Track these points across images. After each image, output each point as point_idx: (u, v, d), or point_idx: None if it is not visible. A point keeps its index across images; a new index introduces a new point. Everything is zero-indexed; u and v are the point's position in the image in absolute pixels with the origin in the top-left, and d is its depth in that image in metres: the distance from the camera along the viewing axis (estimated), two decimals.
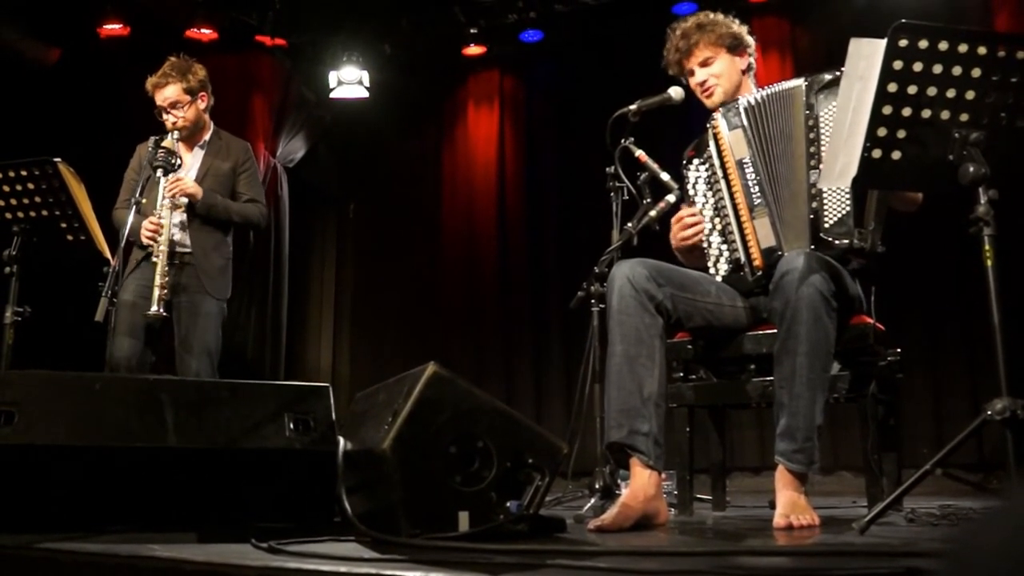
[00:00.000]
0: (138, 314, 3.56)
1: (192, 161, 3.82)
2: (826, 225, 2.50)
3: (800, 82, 2.64)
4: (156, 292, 3.46)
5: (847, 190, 2.47)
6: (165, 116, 3.73)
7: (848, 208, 2.48)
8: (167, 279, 3.51)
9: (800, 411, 2.26)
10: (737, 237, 2.63)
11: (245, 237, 3.94)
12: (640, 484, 2.34)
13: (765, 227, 2.59)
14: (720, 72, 2.80)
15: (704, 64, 2.82)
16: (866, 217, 2.47)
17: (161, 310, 3.46)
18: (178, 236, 3.68)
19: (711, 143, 2.71)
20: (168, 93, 3.71)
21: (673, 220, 2.75)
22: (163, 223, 3.55)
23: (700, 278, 2.62)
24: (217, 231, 3.78)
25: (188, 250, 3.69)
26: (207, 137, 3.86)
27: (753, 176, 2.63)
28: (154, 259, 3.52)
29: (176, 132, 3.70)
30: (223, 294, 3.78)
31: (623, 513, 2.26)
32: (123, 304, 3.59)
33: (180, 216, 3.69)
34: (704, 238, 2.70)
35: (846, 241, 2.46)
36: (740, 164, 2.66)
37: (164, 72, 3.74)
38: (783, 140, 2.63)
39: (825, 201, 2.51)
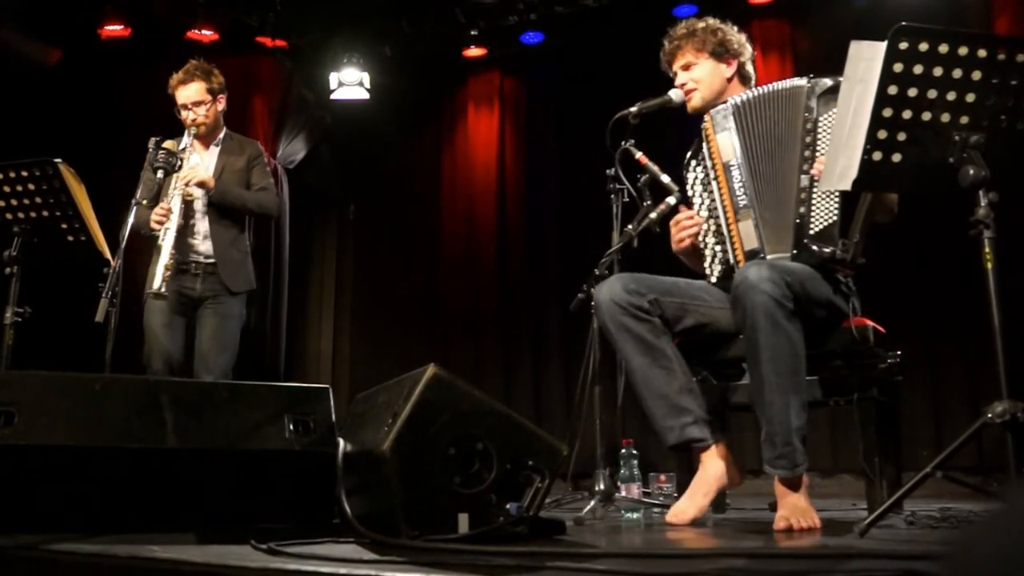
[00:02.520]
0: (168, 323, 3.69)
1: (208, 159, 3.95)
2: (811, 232, 2.49)
3: (802, 82, 2.62)
4: (160, 272, 3.52)
5: (837, 198, 2.47)
6: (185, 113, 3.85)
7: (835, 217, 2.48)
8: (171, 263, 3.57)
9: (775, 417, 2.27)
10: (727, 239, 2.64)
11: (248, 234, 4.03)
12: (711, 465, 2.49)
13: (748, 229, 2.59)
14: (700, 77, 2.82)
15: (686, 68, 2.83)
16: (852, 228, 2.45)
17: (163, 290, 3.51)
18: (203, 247, 3.82)
19: (704, 144, 2.72)
20: (191, 91, 3.86)
21: (671, 223, 2.76)
22: (173, 207, 3.64)
23: (685, 285, 2.63)
24: (233, 226, 3.91)
25: (212, 260, 3.82)
26: (221, 136, 4.01)
27: (739, 178, 2.63)
28: (160, 243, 3.60)
29: (194, 129, 3.83)
30: (244, 287, 3.92)
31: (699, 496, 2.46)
32: (154, 325, 3.71)
33: (204, 226, 3.82)
34: (701, 239, 2.71)
35: (828, 250, 2.45)
36: (727, 166, 2.66)
37: (188, 71, 3.89)
38: (772, 140, 2.62)
39: (813, 207, 2.50)
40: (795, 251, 2.50)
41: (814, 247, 2.47)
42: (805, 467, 2.29)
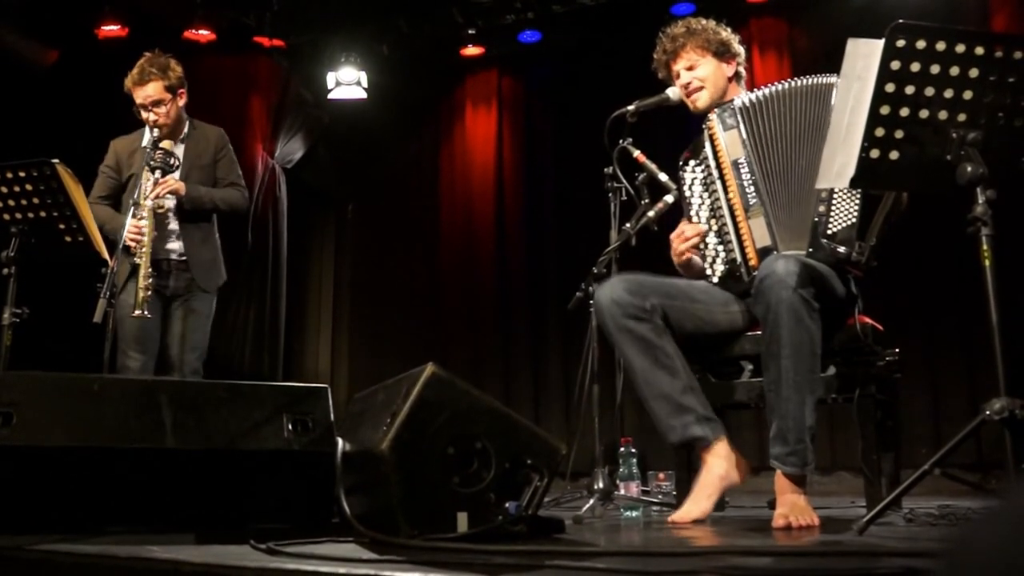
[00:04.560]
0: (144, 324, 3.59)
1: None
2: (829, 231, 2.49)
3: (832, 80, 2.57)
4: (140, 294, 3.44)
5: (858, 200, 2.47)
6: (145, 114, 3.69)
7: (854, 219, 2.47)
8: (151, 281, 3.51)
9: (789, 414, 2.27)
10: (733, 237, 2.63)
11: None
12: (715, 465, 2.48)
13: (760, 227, 2.59)
14: (705, 76, 2.80)
15: (690, 68, 2.82)
16: (870, 231, 2.46)
17: (145, 312, 3.44)
18: (175, 246, 3.73)
19: (707, 144, 2.71)
20: (149, 91, 3.68)
21: (672, 236, 2.74)
22: (145, 225, 3.53)
23: (686, 286, 2.62)
24: (204, 224, 3.81)
25: (184, 257, 3.74)
26: (185, 130, 3.85)
27: (749, 176, 2.63)
28: (136, 260, 3.51)
29: (156, 130, 3.68)
30: (214, 284, 3.83)
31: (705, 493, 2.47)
32: (125, 316, 3.59)
33: (175, 225, 3.73)
34: (701, 240, 2.70)
35: (843, 250, 2.45)
36: (735, 164, 2.65)
37: (143, 69, 3.70)
38: (789, 138, 2.60)
39: (834, 207, 2.49)
40: (811, 249, 2.49)
41: (831, 247, 2.47)
42: (813, 465, 2.29)
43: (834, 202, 2.50)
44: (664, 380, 2.47)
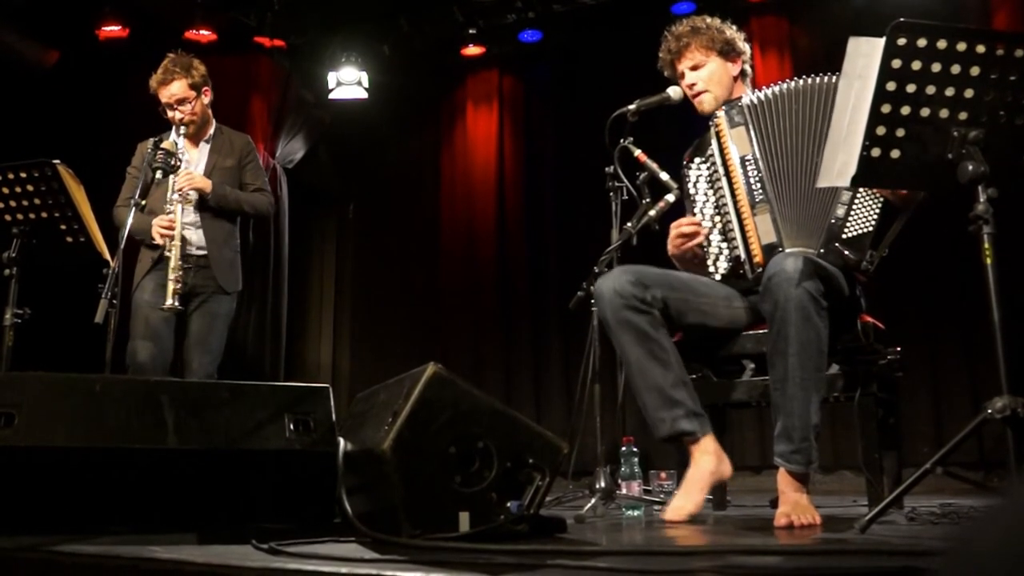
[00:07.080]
0: (157, 316, 3.62)
1: (199, 156, 3.88)
2: (844, 236, 2.49)
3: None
4: (171, 287, 3.51)
5: (879, 208, 2.48)
6: (171, 113, 3.77)
7: (871, 228, 2.48)
8: (181, 274, 3.56)
9: (795, 412, 2.27)
10: (738, 234, 2.62)
11: (245, 235, 4.00)
12: (702, 460, 2.47)
13: (766, 223, 2.58)
14: (709, 76, 2.80)
15: (694, 68, 2.82)
16: (884, 242, 2.47)
17: (176, 303, 3.50)
18: (194, 238, 3.75)
19: (713, 141, 2.70)
20: (174, 90, 3.76)
21: (672, 226, 2.74)
22: (175, 219, 3.60)
23: (690, 279, 2.62)
24: (227, 223, 3.85)
25: (204, 252, 3.76)
26: (211, 132, 3.93)
27: (755, 173, 2.62)
28: (167, 254, 3.58)
29: (183, 128, 3.76)
30: (235, 287, 3.86)
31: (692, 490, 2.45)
32: (141, 305, 3.65)
33: (193, 216, 3.75)
34: (703, 238, 2.70)
35: (854, 257, 2.45)
36: (742, 161, 2.64)
37: (167, 69, 3.78)
38: (799, 136, 2.59)
39: (853, 211, 2.49)
40: (822, 250, 2.49)
41: (843, 251, 2.46)
42: (817, 464, 2.29)
43: (854, 207, 2.49)
44: (657, 372, 2.47)
